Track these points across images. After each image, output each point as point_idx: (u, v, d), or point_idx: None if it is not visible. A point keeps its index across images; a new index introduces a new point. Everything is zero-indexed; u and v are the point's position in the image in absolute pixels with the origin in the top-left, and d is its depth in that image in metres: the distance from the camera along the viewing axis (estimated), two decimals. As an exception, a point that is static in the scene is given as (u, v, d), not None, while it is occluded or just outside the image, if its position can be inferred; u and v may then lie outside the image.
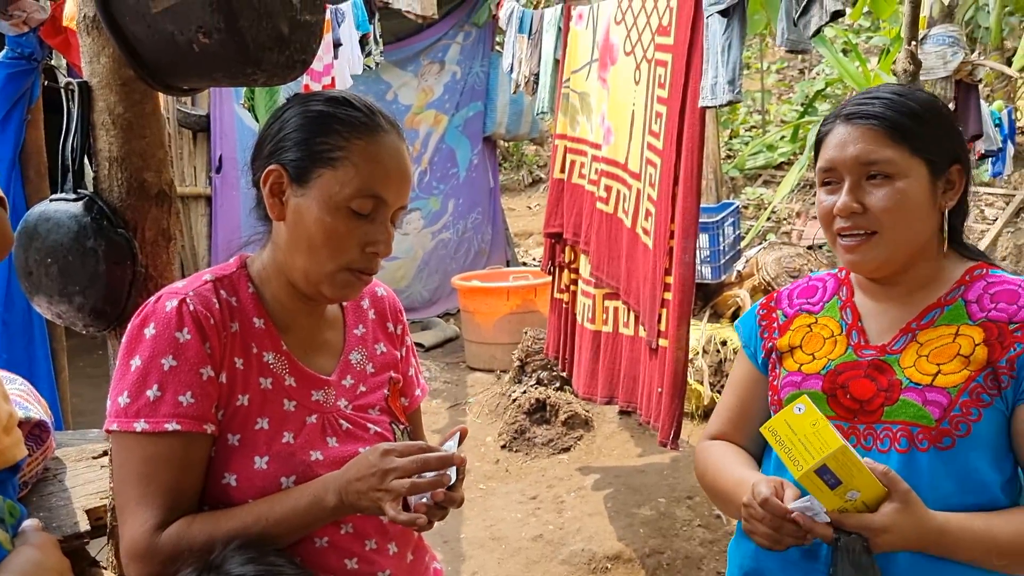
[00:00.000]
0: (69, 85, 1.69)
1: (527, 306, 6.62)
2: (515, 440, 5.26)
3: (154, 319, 1.35)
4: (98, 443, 2.16)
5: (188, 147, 6.73)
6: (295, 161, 1.38)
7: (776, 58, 14.65)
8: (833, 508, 1.37)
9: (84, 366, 6.85)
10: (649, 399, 3.57)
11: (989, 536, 1.39)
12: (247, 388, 1.39)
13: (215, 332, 1.36)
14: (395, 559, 1.48)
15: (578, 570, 3.90)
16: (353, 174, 1.37)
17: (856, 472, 1.34)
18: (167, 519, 1.31)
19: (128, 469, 1.33)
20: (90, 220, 1.65)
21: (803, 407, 1.39)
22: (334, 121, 1.39)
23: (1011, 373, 1.42)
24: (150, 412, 1.31)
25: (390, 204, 1.41)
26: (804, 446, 1.36)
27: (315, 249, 1.38)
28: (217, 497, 1.37)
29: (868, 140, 1.49)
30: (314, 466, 1.39)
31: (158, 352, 1.33)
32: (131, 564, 1.33)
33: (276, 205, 1.41)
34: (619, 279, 3.82)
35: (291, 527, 1.33)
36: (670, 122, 3.34)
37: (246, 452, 1.37)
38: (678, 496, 4.45)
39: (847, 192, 1.50)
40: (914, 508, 1.36)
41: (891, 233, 1.49)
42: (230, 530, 1.30)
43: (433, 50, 7.94)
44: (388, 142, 1.41)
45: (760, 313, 1.76)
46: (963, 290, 1.52)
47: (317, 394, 1.46)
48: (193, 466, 1.34)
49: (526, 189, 13.11)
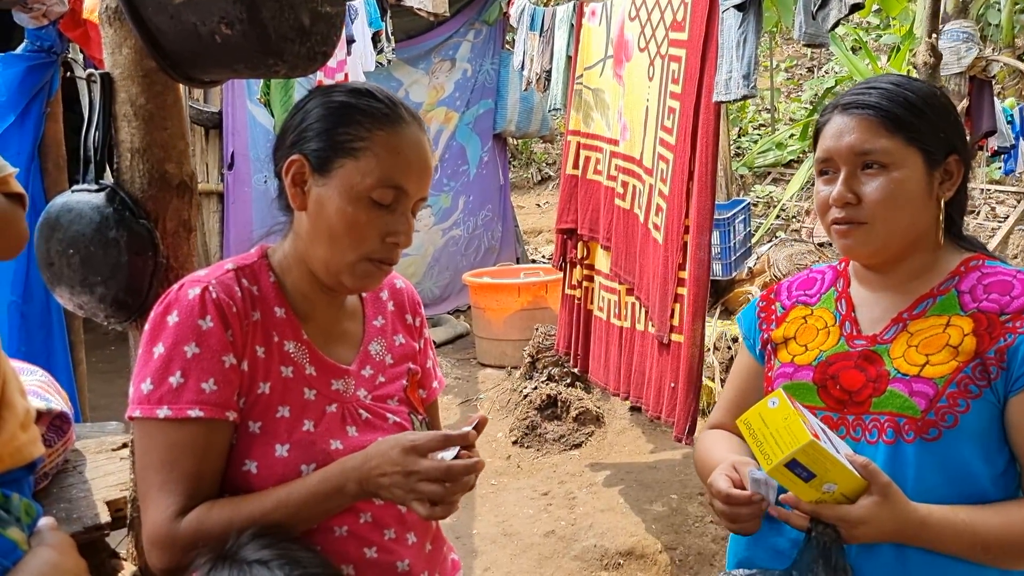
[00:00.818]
0: (91, 76, 1.69)
1: (538, 302, 6.62)
2: (526, 436, 5.26)
3: (177, 307, 1.36)
4: (117, 435, 2.17)
5: (200, 144, 6.75)
6: (317, 151, 1.39)
7: (785, 56, 14.62)
8: (810, 500, 1.37)
9: (96, 361, 6.87)
10: (659, 394, 3.56)
11: (972, 530, 1.38)
12: (268, 376, 1.40)
13: (237, 320, 1.37)
14: (414, 549, 1.49)
15: (590, 566, 3.90)
16: (375, 165, 1.37)
17: (830, 466, 1.34)
18: (188, 505, 1.32)
19: (150, 456, 1.34)
20: (112, 211, 1.65)
21: (777, 401, 1.39)
22: (356, 112, 1.40)
23: (1000, 364, 1.41)
24: (173, 399, 1.32)
25: (411, 195, 1.42)
26: (775, 440, 1.35)
27: (336, 239, 1.39)
28: (237, 484, 1.37)
29: (863, 130, 1.48)
30: (334, 455, 1.39)
31: (181, 339, 1.33)
32: (152, 550, 1.34)
33: (298, 195, 1.42)
34: (634, 275, 3.82)
35: (310, 514, 1.34)
36: (683, 118, 3.34)
37: (267, 440, 1.38)
38: (690, 492, 4.44)
39: (842, 182, 1.50)
40: (893, 501, 1.36)
41: (884, 224, 1.48)
42: (249, 516, 1.31)
43: (444, 48, 7.95)
44: (409, 133, 1.42)
45: (760, 305, 1.77)
46: (957, 280, 1.51)
47: (337, 383, 1.47)
48: (214, 453, 1.35)
49: (535, 187, 13.10)
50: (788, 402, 1.38)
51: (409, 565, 1.46)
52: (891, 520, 1.36)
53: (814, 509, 1.38)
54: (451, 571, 1.62)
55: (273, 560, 1.23)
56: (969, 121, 4.32)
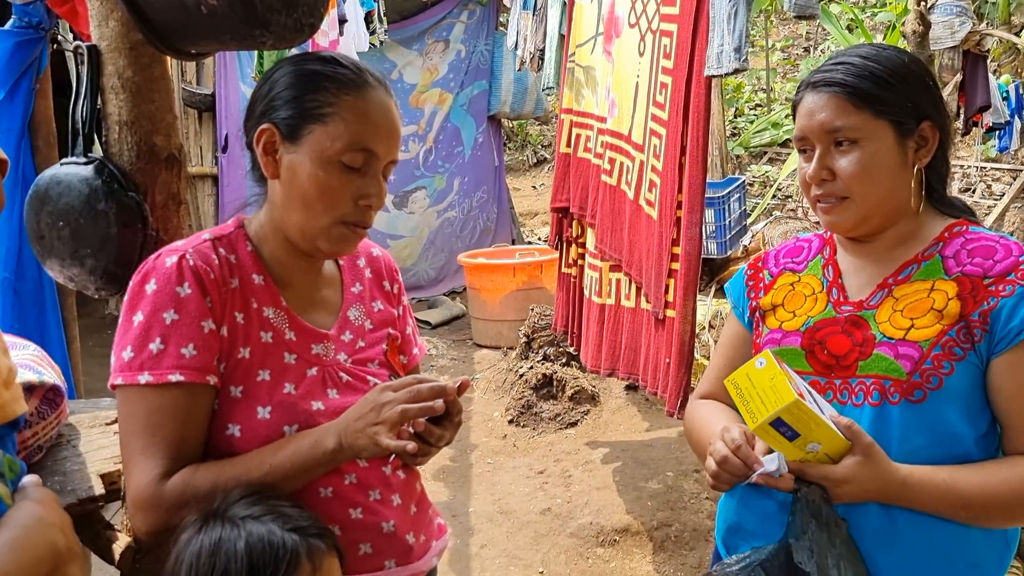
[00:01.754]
0: (79, 49, 1.69)
1: (533, 282, 6.63)
2: (522, 415, 5.28)
3: (155, 275, 1.38)
4: (111, 410, 2.17)
5: (194, 126, 6.73)
6: (286, 119, 1.42)
7: (780, 36, 14.59)
8: (795, 459, 1.41)
9: (93, 345, 6.86)
10: (656, 370, 3.57)
11: (953, 489, 1.40)
12: (248, 341, 1.42)
13: (215, 287, 1.39)
14: (399, 511, 1.51)
15: (586, 543, 3.92)
16: (343, 129, 1.40)
17: (815, 426, 1.36)
18: (172, 468, 1.34)
19: (133, 421, 1.35)
20: (101, 183, 1.66)
21: (764, 361, 1.41)
22: (323, 79, 1.42)
23: (984, 327, 1.43)
24: (154, 364, 1.34)
25: (381, 157, 1.44)
26: (761, 399, 1.38)
27: (310, 203, 1.41)
28: (221, 449, 1.39)
29: (831, 108, 1.51)
30: (315, 415, 1.42)
31: (160, 306, 1.35)
32: (137, 513, 1.35)
33: (270, 163, 1.44)
34: (622, 251, 3.82)
35: (293, 471, 1.36)
36: (676, 92, 3.33)
37: (249, 403, 1.39)
38: (686, 470, 4.46)
39: (816, 160, 1.53)
40: (876, 461, 1.39)
41: (862, 197, 1.51)
42: (234, 476, 1.33)
43: (437, 29, 7.94)
44: (376, 97, 1.44)
45: (748, 274, 1.79)
46: (941, 246, 1.53)
47: (317, 347, 1.49)
48: (196, 417, 1.37)
49: (531, 169, 13.08)
50: (775, 362, 1.40)
51: (394, 526, 1.49)
52: (873, 479, 1.39)
53: (799, 468, 1.41)
54: (438, 533, 1.64)
55: (264, 515, 1.25)
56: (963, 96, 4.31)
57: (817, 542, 1.40)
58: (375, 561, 1.46)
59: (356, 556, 1.43)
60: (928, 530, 1.44)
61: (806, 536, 1.41)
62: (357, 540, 1.44)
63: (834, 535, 1.40)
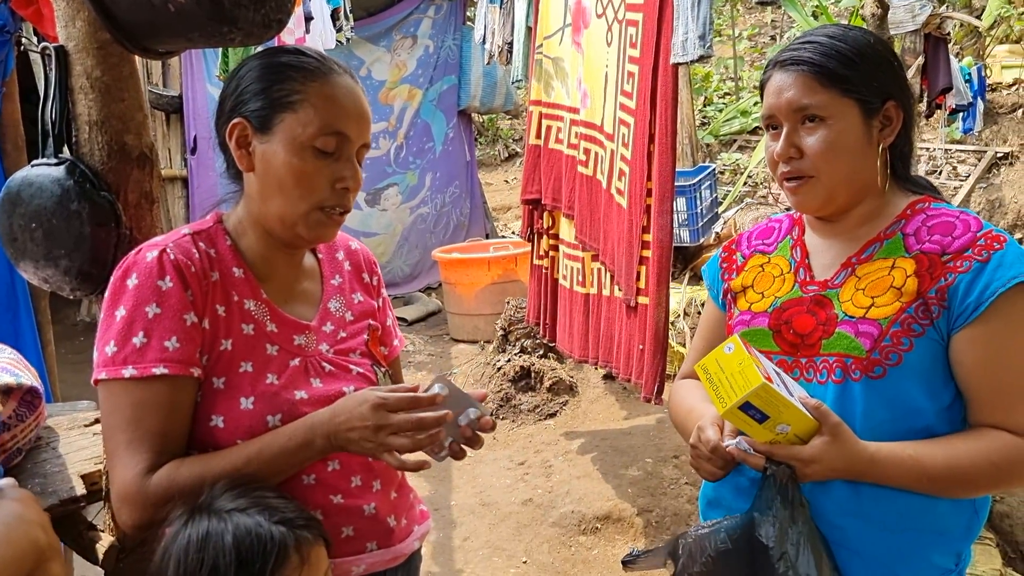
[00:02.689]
0: (46, 50, 1.69)
1: (508, 276, 6.65)
2: (501, 408, 5.30)
3: (136, 270, 1.38)
4: (88, 412, 2.17)
5: (162, 129, 6.69)
6: (257, 111, 1.44)
7: (747, 25, 14.66)
8: (764, 440, 1.44)
9: (66, 352, 6.82)
10: (629, 357, 3.60)
11: (918, 465, 1.43)
12: (229, 333, 1.43)
13: (196, 280, 1.40)
14: (379, 495, 1.53)
15: (568, 531, 3.95)
16: (313, 114, 1.42)
17: (783, 408, 1.39)
18: (156, 463, 1.34)
19: (117, 415, 1.36)
20: (73, 183, 1.65)
21: (732, 346, 1.43)
22: (288, 69, 1.44)
23: (941, 303, 1.45)
24: (137, 358, 1.34)
25: (353, 140, 1.46)
26: (730, 384, 1.41)
27: (286, 191, 1.43)
28: (205, 441, 1.40)
29: (799, 86, 1.53)
30: (299, 404, 1.43)
31: (142, 301, 1.36)
32: (122, 508, 1.36)
33: (244, 156, 1.46)
34: (599, 240, 3.85)
35: (280, 467, 1.37)
36: (643, 81, 3.36)
37: (231, 394, 1.40)
38: (664, 456, 4.50)
39: (784, 138, 1.56)
40: (842, 441, 1.42)
41: (827, 176, 1.53)
42: (220, 471, 1.34)
43: (405, 24, 7.92)
44: (343, 83, 1.47)
45: (722, 256, 1.82)
46: (903, 224, 1.56)
47: (299, 339, 1.50)
48: (180, 410, 1.38)
49: (503, 164, 13.08)
50: (743, 347, 1.42)
51: (375, 508, 1.51)
52: (840, 458, 1.42)
53: (768, 449, 1.44)
54: (419, 518, 1.66)
55: (250, 508, 1.26)
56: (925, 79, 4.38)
57: (780, 519, 1.44)
58: (357, 544, 1.48)
59: (338, 539, 1.44)
60: (894, 501, 1.47)
61: (770, 512, 1.45)
62: (339, 524, 1.45)
63: (797, 514, 1.44)
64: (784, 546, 1.42)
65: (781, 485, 1.44)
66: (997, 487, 1.49)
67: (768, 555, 1.43)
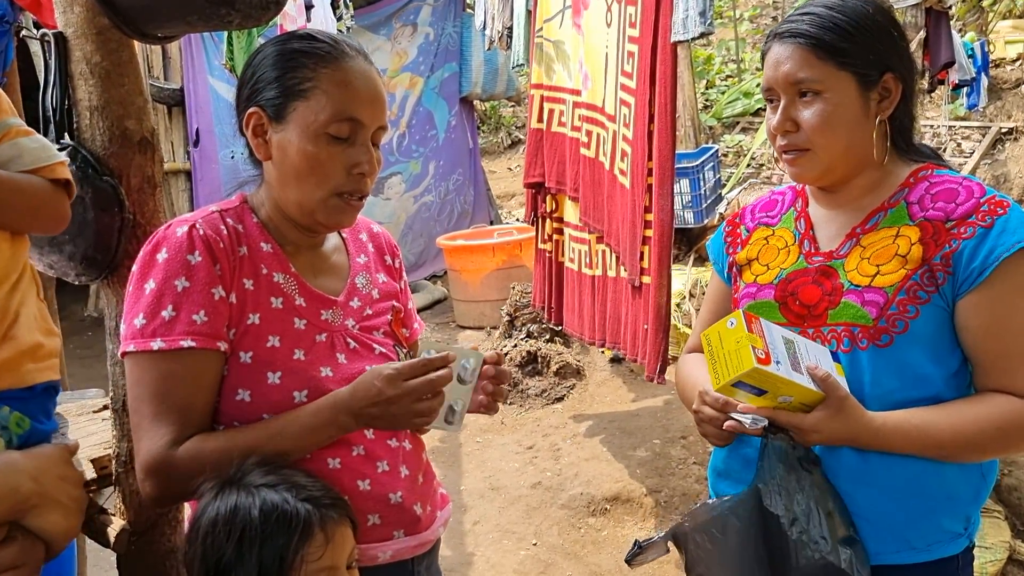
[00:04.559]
0: (45, 36, 1.69)
1: (513, 261, 6.64)
2: (508, 392, 5.30)
3: (166, 244, 1.40)
4: (97, 399, 2.19)
5: (164, 122, 6.69)
6: (271, 100, 1.44)
7: (748, 6, 14.59)
8: (767, 407, 1.45)
9: (75, 347, 6.86)
10: (635, 337, 3.61)
11: (925, 434, 1.44)
12: (257, 307, 1.44)
13: (224, 255, 1.41)
14: (407, 481, 1.53)
15: (577, 513, 3.96)
16: (325, 101, 1.42)
17: (781, 384, 1.40)
18: (182, 435, 1.36)
19: (144, 387, 1.37)
20: (75, 168, 1.66)
21: (735, 322, 1.44)
22: (300, 55, 1.44)
23: (946, 269, 1.46)
24: (166, 331, 1.36)
25: (367, 125, 1.46)
26: (726, 361, 1.42)
27: (303, 179, 1.44)
28: (232, 415, 1.41)
29: (795, 59, 1.53)
30: (324, 381, 1.44)
31: (171, 274, 1.38)
32: (147, 480, 1.37)
33: (261, 145, 1.46)
34: (603, 222, 3.85)
35: (305, 444, 1.38)
36: (642, 60, 3.35)
37: (259, 368, 1.41)
38: (672, 436, 4.51)
39: (781, 111, 1.56)
40: (847, 413, 1.43)
41: (824, 149, 1.54)
42: (245, 446, 1.35)
43: (404, 12, 7.89)
44: (355, 66, 1.46)
45: (726, 230, 1.83)
46: (906, 192, 1.56)
47: (326, 313, 1.51)
48: (207, 383, 1.39)
49: (506, 151, 13.04)
50: (743, 324, 1.43)
51: (402, 496, 1.50)
52: (844, 429, 1.44)
53: (771, 414, 1.46)
54: (441, 503, 1.67)
55: (279, 484, 1.27)
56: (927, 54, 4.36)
57: (785, 487, 1.45)
58: (383, 531, 1.48)
59: (365, 527, 1.44)
60: (903, 467, 1.48)
61: (774, 481, 1.46)
62: (365, 511, 1.45)
63: (802, 479, 1.45)
64: (793, 512, 1.43)
65: (781, 452, 1.45)
66: (1005, 451, 1.51)
67: (779, 523, 1.44)
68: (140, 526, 1.79)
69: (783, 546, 1.44)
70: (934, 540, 1.50)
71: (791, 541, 1.43)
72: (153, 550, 1.80)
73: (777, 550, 1.45)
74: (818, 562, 1.41)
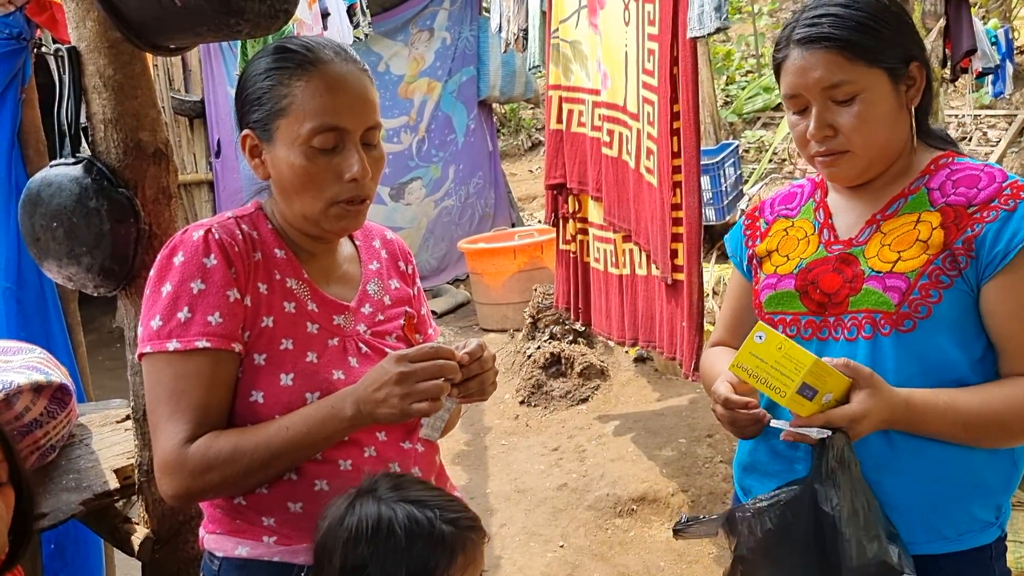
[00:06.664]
0: (58, 51, 1.71)
1: (535, 263, 6.64)
2: (533, 395, 5.30)
3: (182, 248, 1.42)
4: (121, 409, 2.20)
5: (186, 134, 6.74)
6: (257, 121, 1.46)
7: (767, 1, 14.51)
8: (811, 413, 1.42)
9: (103, 359, 6.93)
10: (672, 335, 3.59)
11: (952, 409, 1.42)
12: (271, 311, 1.45)
13: (239, 258, 1.44)
14: None
15: (604, 514, 3.94)
16: (303, 115, 1.42)
17: (828, 376, 1.38)
18: (196, 433, 1.37)
19: (160, 388, 1.39)
20: (91, 181, 1.68)
21: (763, 335, 1.41)
22: (275, 72, 1.44)
23: (969, 254, 1.44)
24: (181, 332, 1.38)
25: (352, 130, 1.44)
26: (779, 371, 1.39)
27: (300, 193, 1.45)
28: (246, 416, 1.43)
29: (826, 65, 1.49)
30: (336, 384, 1.45)
31: (187, 277, 1.40)
32: (163, 477, 1.39)
33: (259, 166, 1.49)
34: (630, 221, 3.84)
35: (312, 438, 1.39)
36: (663, 58, 3.34)
37: (272, 370, 1.43)
38: (699, 435, 4.47)
39: (816, 118, 1.52)
40: (880, 389, 1.41)
41: (863, 149, 1.52)
42: (253, 441, 1.37)
43: (421, 18, 7.92)
44: (330, 72, 1.44)
45: (745, 223, 1.81)
46: (927, 179, 1.54)
47: (338, 318, 1.53)
48: (221, 383, 1.41)
49: (526, 153, 13.05)
50: (774, 331, 1.41)
51: None
52: (885, 407, 1.41)
53: (826, 419, 1.41)
54: None
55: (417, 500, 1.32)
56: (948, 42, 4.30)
57: (842, 488, 1.42)
58: None
59: None
60: (930, 454, 1.46)
61: (830, 481, 1.42)
62: None
63: (851, 477, 1.42)
64: (849, 513, 1.41)
65: (838, 451, 1.42)
66: None
67: (833, 523, 1.41)
68: (164, 534, 1.80)
69: (836, 544, 1.41)
70: (965, 529, 1.48)
71: (845, 540, 1.40)
72: (177, 557, 1.82)
73: (829, 546, 1.42)
74: (872, 560, 1.39)
